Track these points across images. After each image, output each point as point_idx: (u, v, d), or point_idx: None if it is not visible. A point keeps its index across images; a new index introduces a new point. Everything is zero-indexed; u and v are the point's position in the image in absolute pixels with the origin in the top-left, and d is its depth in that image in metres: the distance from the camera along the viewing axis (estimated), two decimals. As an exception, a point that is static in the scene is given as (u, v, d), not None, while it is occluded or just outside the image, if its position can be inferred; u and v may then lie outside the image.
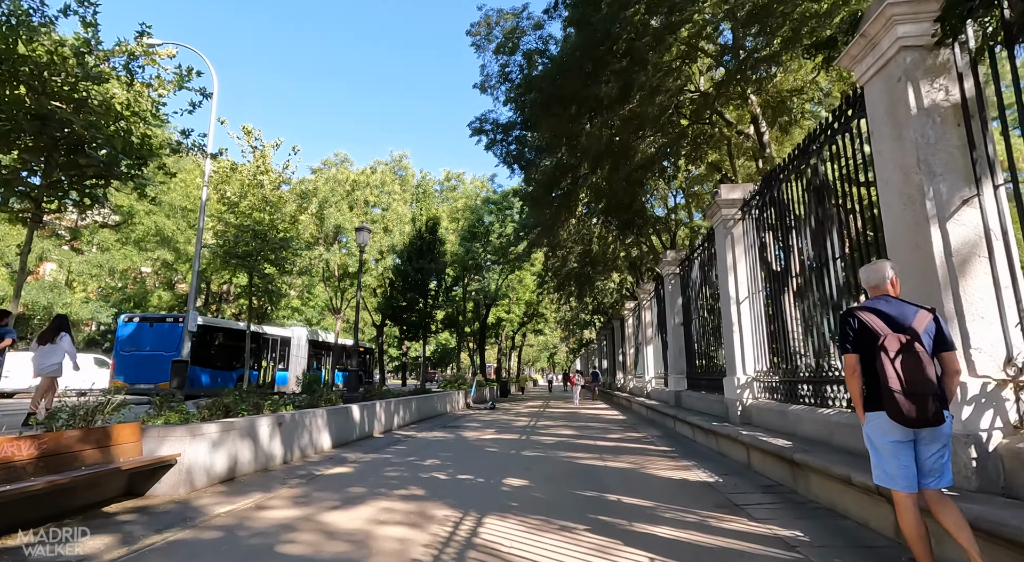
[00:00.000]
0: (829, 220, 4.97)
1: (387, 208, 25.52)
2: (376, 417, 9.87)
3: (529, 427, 11.15)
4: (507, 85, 13.29)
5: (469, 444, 8.42)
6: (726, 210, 7.48)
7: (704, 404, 9.07)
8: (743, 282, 7.27)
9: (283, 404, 7.63)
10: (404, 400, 11.86)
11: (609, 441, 8.61)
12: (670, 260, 11.58)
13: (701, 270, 9.63)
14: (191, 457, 4.87)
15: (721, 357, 8.66)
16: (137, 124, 10.39)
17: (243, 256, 14.73)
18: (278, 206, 16.17)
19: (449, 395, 16.48)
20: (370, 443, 8.53)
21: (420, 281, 19.63)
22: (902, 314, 2.59)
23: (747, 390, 6.96)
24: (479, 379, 25.09)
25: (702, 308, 9.69)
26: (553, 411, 16.36)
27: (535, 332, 52.75)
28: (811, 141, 5.08)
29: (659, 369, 14.29)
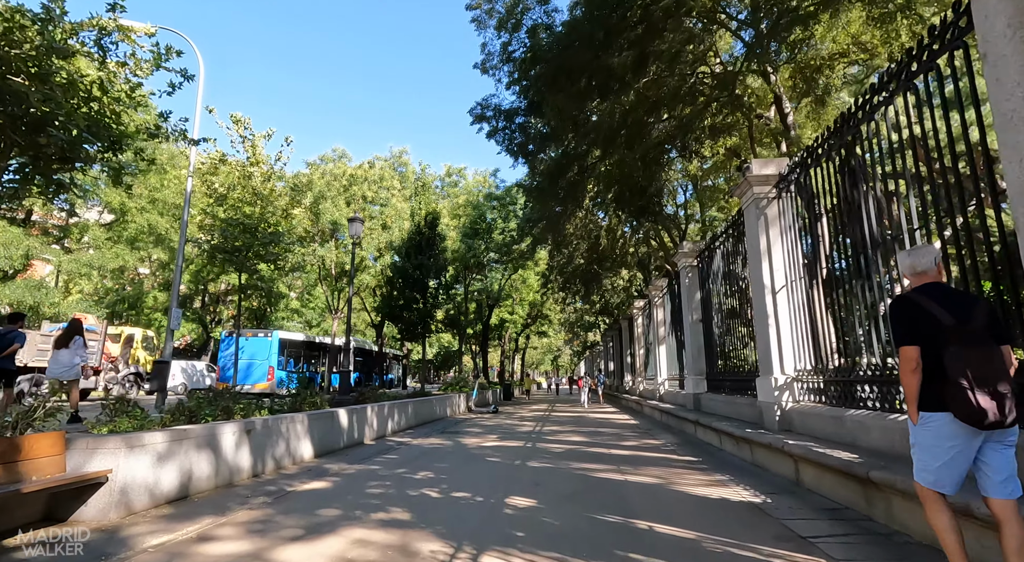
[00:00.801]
0: (917, 181, 4.10)
1: (386, 204, 24.67)
2: (367, 422, 9.01)
3: (535, 433, 10.26)
4: (510, 66, 12.45)
5: (468, 453, 7.54)
6: (759, 187, 6.60)
7: (730, 408, 8.16)
8: (779, 269, 6.38)
9: (258, 408, 6.78)
10: (400, 404, 10.99)
11: (625, 449, 7.72)
12: (687, 251, 10.69)
13: (725, 260, 8.74)
14: (127, 473, 4.01)
15: (750, 356, 7.77)
16: (111, 106, 9.62)
17: (231, 251, 13.92)
18: (269, 199, 15.38)
19: (449, 398, 15.61)
20: (358, 452, 7.66)
21: (419, 278, 18.75)
22: (963, 302, 2.37)
23: (786, 392, 6.06)
24: (481, 382, 24.22)
25: (726, 302, 8.80)
26: (560, 415, 15.46)
27: (539, 334, 51.85)
28: (896, 75, 4.14)
29: (673, 370, 13.38)
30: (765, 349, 6.41)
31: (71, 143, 8.44)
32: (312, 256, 20.73)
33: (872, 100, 4.43)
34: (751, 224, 6.80)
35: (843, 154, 4.99)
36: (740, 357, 8.20)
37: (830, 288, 5.67)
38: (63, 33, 8.64)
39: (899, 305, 2.49)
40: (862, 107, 4.54)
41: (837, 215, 5.21)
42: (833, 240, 5.33)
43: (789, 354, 6.16)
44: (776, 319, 6.29)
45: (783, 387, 6.08)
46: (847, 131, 4.88)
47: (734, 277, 8.29)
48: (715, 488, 4.93)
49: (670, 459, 6.73)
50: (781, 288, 6.34)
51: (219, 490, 4.97)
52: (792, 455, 4.92)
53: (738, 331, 8.27)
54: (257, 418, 5.94)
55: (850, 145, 4.89)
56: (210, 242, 14.15)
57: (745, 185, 6.77)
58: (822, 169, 5.43)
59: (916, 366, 2.35)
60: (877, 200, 4.52)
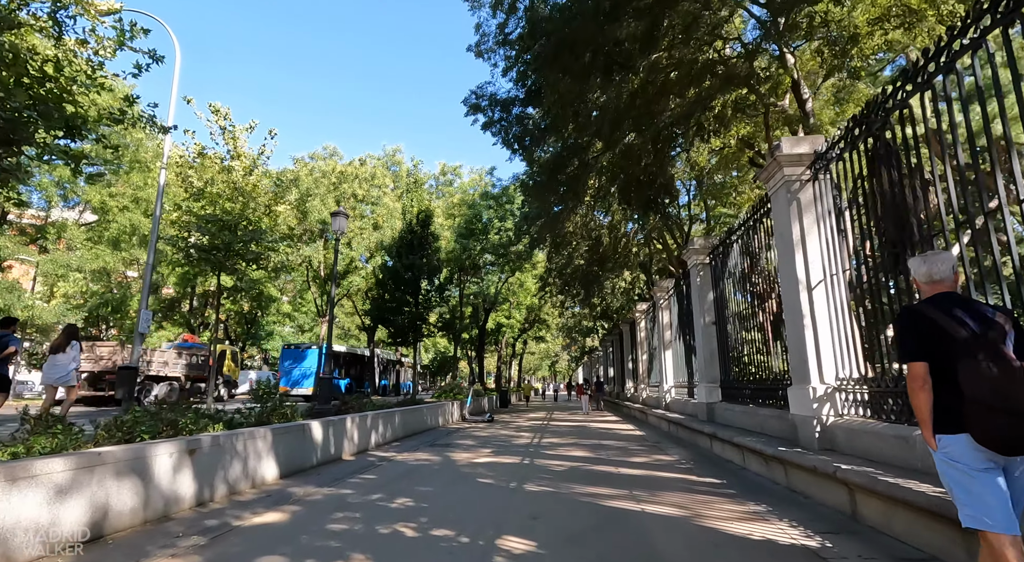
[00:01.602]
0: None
1: (377, 203, 23.77)
2: (346, 435, 8.09)
3: (533, 446, 9.37)
4: (506, 49, 11.62)
5: (457, 471, 6.64)
6: (790, 169, 5.76)
7: (751, 420, 7.28)
8: (816, 261, 5.53)
9: (215, 422, 5.87)
10: (385, 414, 10.08)
11: (635, 467, 6.82)
12: (698, 248, 9.85)
13: (744, 255, 7.89)
14: (7, 515, 3.11)
15: (775, 362, 6.91)
16: (68, 86, 8.77)
17: (207, 250, 13.01)
18: (251, 194, 14.50)
19: (442, 406, 14.69)
20: (333, 470, 6.75)
21: (411, 279, 17.83)
22: (981, 314, 2.15)
23: (826, 404, 5.19)
24: (476, 388, 23.29)
25: (745, 301, 7.95)
26: (559, 425, 14.56)
27: (536, 339, 50.94)
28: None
29: (680, 377, 12.51)
30: (799, 354, 5.55)
31: (12, 123, 7.55)
32: (296, 255, 19.77)
33: (952, 46, 3.59)
34: (780, 211, 5.95)
35: (906, 118, 4.15)
36: (763, 363, 7.34)
37: (882, 283, 4.82)
38: (9, 1, 7.81)
39: (907, 317, 2.33)
40: (943, 51, 3.67)
41: (895, 195, 4.36)
42: (892, 224, 4.48)
43: (829, 360, 5.29)
44: (813, 319, 5.43)
45: (823, 399, 5.21)
46: (882, 116, 4.04)
47: (756, 273, 7.44)
48: (754, 523, 4.05)
49: (689, 481, 5.84)
50: (818, 284, 5.48)
51: (147, 526, 4.06)
52: (847, 483, 4.05)
53: (760, 334, 7.41)
54: (205, 436, 5.03)
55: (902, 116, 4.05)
56: (184, 240, 13.24)
57: (773, 166, 5.93)
58: (857, 153, 4.58)
59: (924, 383, 2.17)
60: (957, 173, 3.67)
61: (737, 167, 13.30)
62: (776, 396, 6.71)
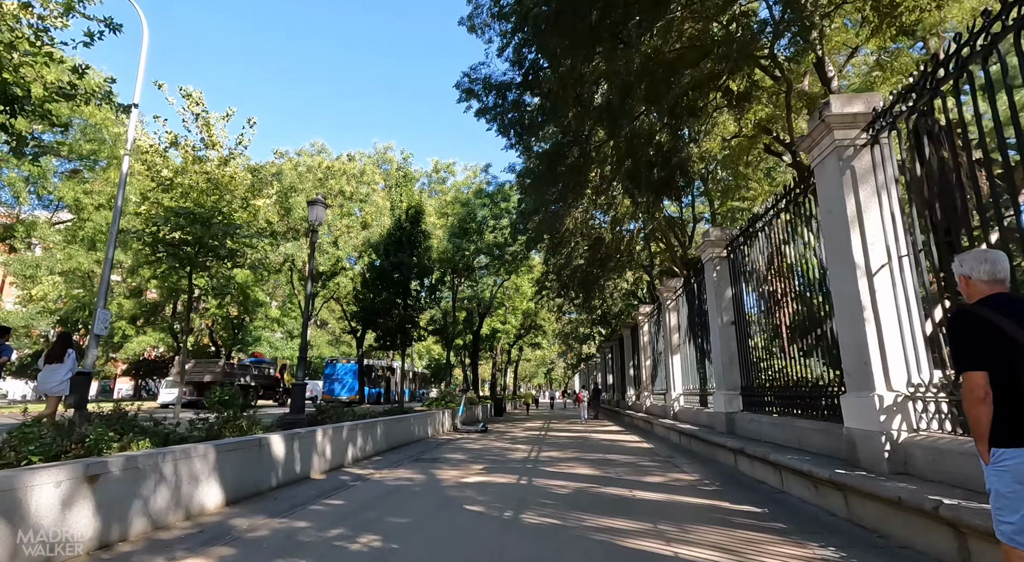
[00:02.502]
0: None
1: (366, 200, 22.69)
2: (316, 450, 7.02)
3: (530, 461, 8.31)
4: (501, 23, 10.68)
5: (442, 495, 5.59)
6: (842, 132, 4.80)
7: (785, 433, 6.27)
8: (876, 242, 4.56)
9: (142, 436, 4.82)
10: (366, 425, 9.01)
11: (652, 489, 5.79)
12: (714, 239, 8.88)
13: (771, 243, 6.92)
14: None
15: (816, 365, 5.92)
16: (8, 58, 7.82)
17: (176, 245, 11.94)
18: (227, 187, 13.46)
19: (432, 416, 13.61)
20: (295, 493, 5.69)
21: (400, 279, 16.74)
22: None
23: (897, 416, 4.19)
24: (469, 396, 22.20)
25: (777, 296, 6.97)
26: (558, 436, 13.49)
27: (532, 346, 49.89)
28: None
29: (691, 383, 11.51)
30: (858, 355, 4.56)
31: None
32: (277, 253, 18.65)
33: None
34: (828, 184, 4.98)
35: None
36: (799, 367, 6.34)
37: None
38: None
39: (961, 321, 2.15)
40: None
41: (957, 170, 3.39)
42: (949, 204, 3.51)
43: (899, 362, 4.31)
44: (875, 312, 4.44)
45: (891, 409, 4.21)
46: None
47: (792, 260, 6.47)
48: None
49: (722, 510, 4.81)
50: (880, 268, 4.50)
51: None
52: (956, 525, 3.03)
53: (795, 333, 6.42)
54: (114, 457, 3.97)
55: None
56: (154, 235, 12.15)
57: (819, 131, 4.97)
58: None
59: (985, 395, 2.00)
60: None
61: (748, 161, 12.35)
62: (818, 406, 5.71)
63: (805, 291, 6.10)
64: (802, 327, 6.13)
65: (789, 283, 6.51)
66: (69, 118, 19.20)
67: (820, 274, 5.66)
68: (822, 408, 5.60)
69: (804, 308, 6.09)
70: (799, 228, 6.07)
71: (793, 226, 6.20)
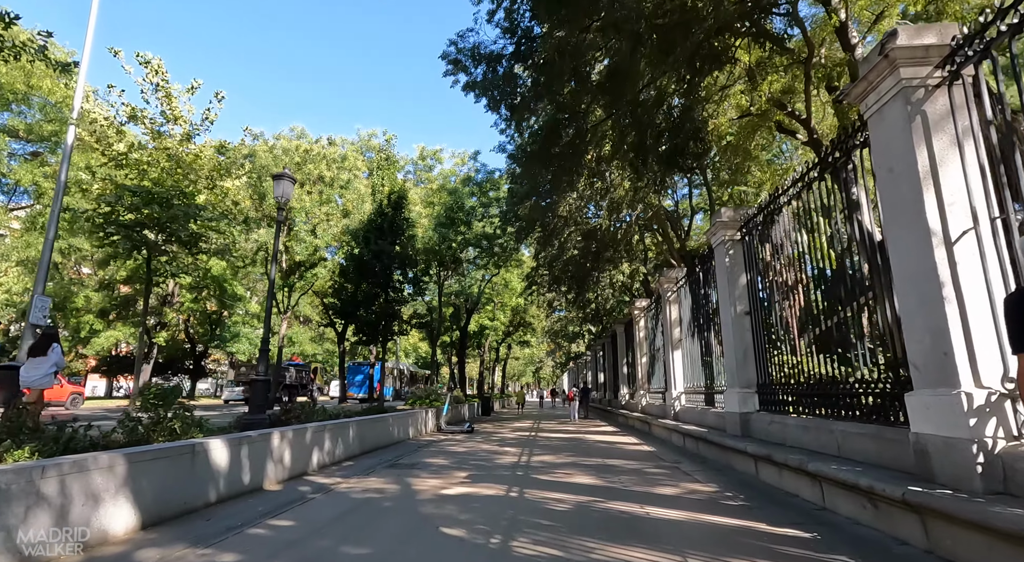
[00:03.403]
0: None
1: (347, 186, 21.47)
2: (271, 457, 6.01)
3: (521, 467, 7.36)
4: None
5: (415, 513, 4.62)
6: (910, 70, 3.91)
7: (818, 437, 5.39)
8: (957, 201, 3.67)
9: (10, 449, 3.79)
10: (335, 426, 8.00)
11: (667, 505, 4.86)
12: (726, 220, 7.99)
13: (799, 218, 6.04)
14: None
15: (857, 356, 5.05)
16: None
17: (129, 226, 10.79)
18: (191, 165, 12.33)
19: (413, 416, 12.61)
20: (236, 510, 4.68)
21: (380, 268, 15.63)
22: None
23: (990, 419, 3.31)
24: (456, 394, 21.21)
25: (805, 279, 6.10)
26: (549, 436, 12.57)
27: (521, 343, 49.01)
28: None
29: (696, 381, 10.65)
30: (933, 342, 3.67)
31: None
32: (246, 238, 17.40)
33: None
34: (891, 135, 4.09)
35: None
36: (835, 360, 5.47)
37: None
38: None
39: (1017, 302, 2.15)
40: None
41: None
42: None
43: (991, 351, 3.42)
44: (957, 289, 3.56)
45: (984, 411, 3.33)
46: None
47: (829, 236, 5.59)
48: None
49: (761, 534, 3.89)
50: (963, 235, 3.62)
51: None
52: None
53: (835, 317, 5.54)
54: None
55: None
56: (106, 216, 10.99)
57: (880, 70, 4.07)
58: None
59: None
60: None
61: (756, 143, 11.45)
62: (864, 406, 4.83)
63: (845, 273, 5.21)
64: (836, 314, 5.24)
65: (823, 264, 5.63)
66: (25, 94, 17.83)
67: (869, 250, 4.77)
68: (869, 409, 4.72)
69: (844, 292, 5.20)
70: (835, 198, 5.19)
71: (834, 196, 5.31)
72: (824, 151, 5.19)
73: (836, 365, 5.47)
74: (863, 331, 5.06)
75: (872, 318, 4.80)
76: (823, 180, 5.44)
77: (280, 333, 21.35)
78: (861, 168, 4.87)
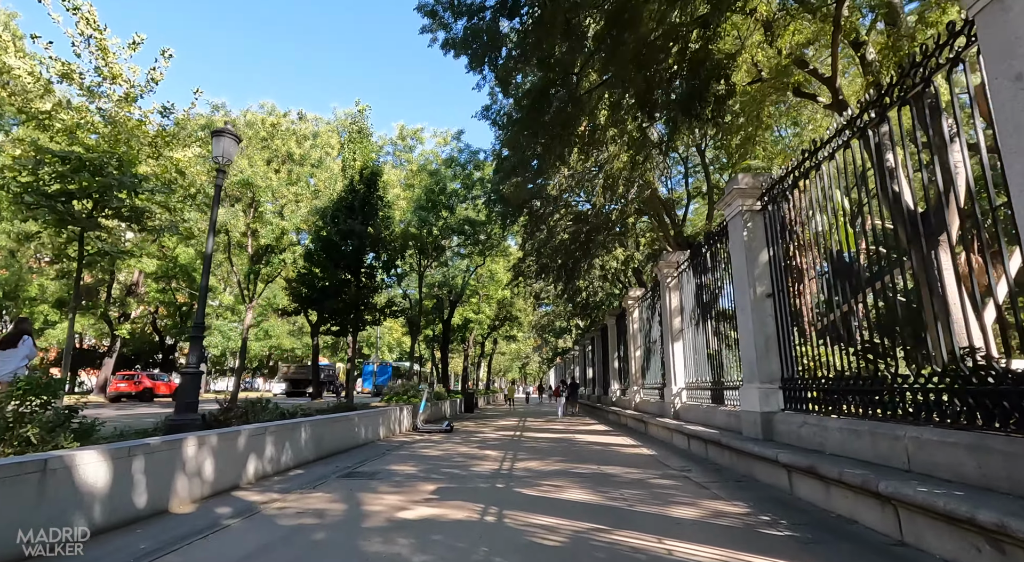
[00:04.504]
0: None
1: (319, 165, 19.91)
2: (184, 469, 4.72)
3: (502, 477, 6.16)
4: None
5: (355, 553, 3.39)
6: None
7: (877, 445, 4.25)
8: None
9: None
10: (280, 428, 6.71)
11: (694, 537, 3.69)
12: (744, 187, 6.85)
13: (849, 172, 4.89)
14: None
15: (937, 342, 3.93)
16: None
17: (52, 197, 9.34)
18: (132, 131, 10.87)
19: (385, 414, 11.34)
20: (118, 545, 3.43)
21: (350, 251, 14.20)
22: None
23: None
24: (438, 390, 19.96)
25: (864, 245, 4.96)
26: (536, 436, 11.40)
27: (507, 338, 47.84)
28: None
29: (698, 375, 9.55)
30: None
31: None
32: (195, 213, 15.76)
33: None
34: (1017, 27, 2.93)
35: None
36: (897, 347, 4.34)
37: None
38: None
39: None
40: None
41: None
42: None
43: None
44: None
45: None
46: None
47: (898, 190, 4.45)
48: None
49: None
50: None
51: None
52: None
53: (894, 295, 4.41)
54: None
55: None
56: (27, 185, 9.49)
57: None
58: None
59: None
60: None
61: (768, 110, 10.30)
62: (951, 406, 3.70)
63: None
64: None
65: (883, 225, 4.49)
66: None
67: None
68: (960, 410, 3.58)
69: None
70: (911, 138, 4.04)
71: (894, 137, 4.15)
72: (912, 60, 3.96)
73: (896, 354, 4.34)
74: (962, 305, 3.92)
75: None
76: (881, 124, 4.28)
77: (246, 323, 19.81)
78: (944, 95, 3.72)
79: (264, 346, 41.65)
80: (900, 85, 4.00)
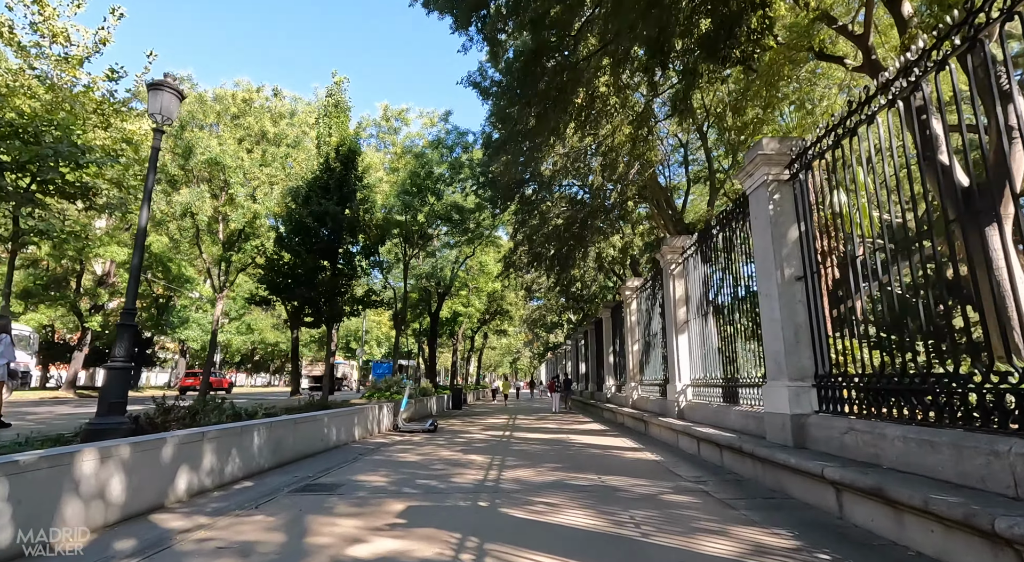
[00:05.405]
0: None
1: (296, 145, 18.63)
2: (78, 491, 3.70)
3: (487, 491, 5.18)
4: None
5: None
6: None
7: (962, 464, 3.33)
8: None
9: None
10: (229, 432, 5.69)
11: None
12: (770, 153, 5.91)
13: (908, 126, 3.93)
14: None
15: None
16: None
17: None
18: (75, 98, 9.71)
19: (361, 413, 10.34)
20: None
21: (325, 235, 13.04)
22: None
23: None
24: (424, 386, 18.97)
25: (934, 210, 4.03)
26: (527, 437, 10.45)
27: (498, 332, 46.94)
28: None
29: (706, 371, 8.64)
30: None
31: None
32: (172, 204, 14.51)
33: None
34: None
35: None
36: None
37: None
38: None
39: None
40: None
41: None
42: None
43: None
44: None
45: None
46: None
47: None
48: None
49: None
50: None
51: None
52: None
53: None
54: None
55: None
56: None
57: None
58: None
59: None
60: None
61: (786, 76, 9.29)
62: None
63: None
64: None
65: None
66: None
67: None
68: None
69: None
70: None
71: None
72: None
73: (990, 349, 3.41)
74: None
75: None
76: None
77: (216, 313, 18.63)
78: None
79: (247, 340, 40.36)
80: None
